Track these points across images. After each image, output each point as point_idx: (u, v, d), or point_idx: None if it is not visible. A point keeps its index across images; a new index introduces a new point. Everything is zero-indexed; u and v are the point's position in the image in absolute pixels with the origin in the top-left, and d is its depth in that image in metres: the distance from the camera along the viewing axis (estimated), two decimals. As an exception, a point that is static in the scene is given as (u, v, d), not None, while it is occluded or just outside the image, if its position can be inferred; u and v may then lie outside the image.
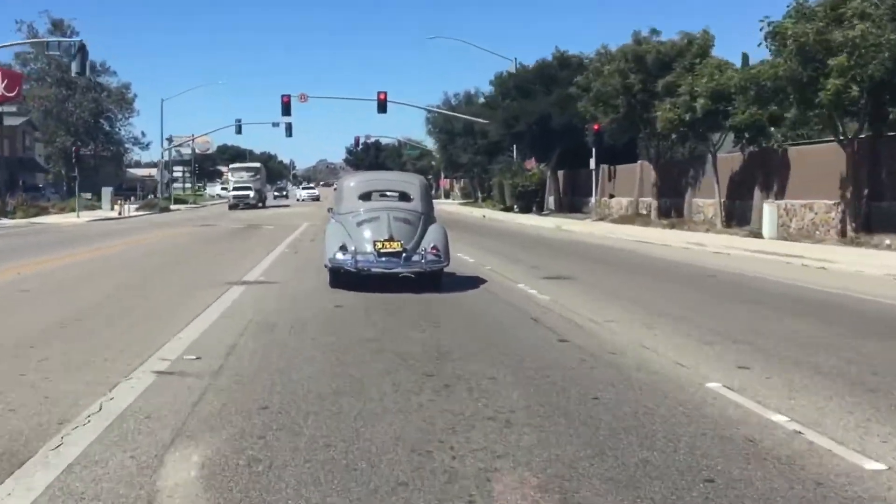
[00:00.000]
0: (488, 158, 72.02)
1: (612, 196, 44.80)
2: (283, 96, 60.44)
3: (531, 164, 59.47)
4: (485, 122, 59.01)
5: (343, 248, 14.74)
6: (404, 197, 16.30)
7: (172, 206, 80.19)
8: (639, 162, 42.35)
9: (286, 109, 60.31)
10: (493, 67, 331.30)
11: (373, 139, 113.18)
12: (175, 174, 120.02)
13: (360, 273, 14.68)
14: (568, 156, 49.41)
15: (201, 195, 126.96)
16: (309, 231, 37.02)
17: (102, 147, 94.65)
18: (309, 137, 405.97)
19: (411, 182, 17.26)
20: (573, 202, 50.94)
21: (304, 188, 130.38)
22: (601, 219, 42.64)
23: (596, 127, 42.02)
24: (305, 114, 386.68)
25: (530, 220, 46.44)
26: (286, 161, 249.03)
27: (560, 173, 51.80)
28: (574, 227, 38.17)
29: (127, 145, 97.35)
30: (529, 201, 56.11)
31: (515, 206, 57.91)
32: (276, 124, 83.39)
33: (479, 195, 77.64)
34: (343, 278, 14.87)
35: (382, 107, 59.77)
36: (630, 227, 35.56)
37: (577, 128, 44.96)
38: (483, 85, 65.50)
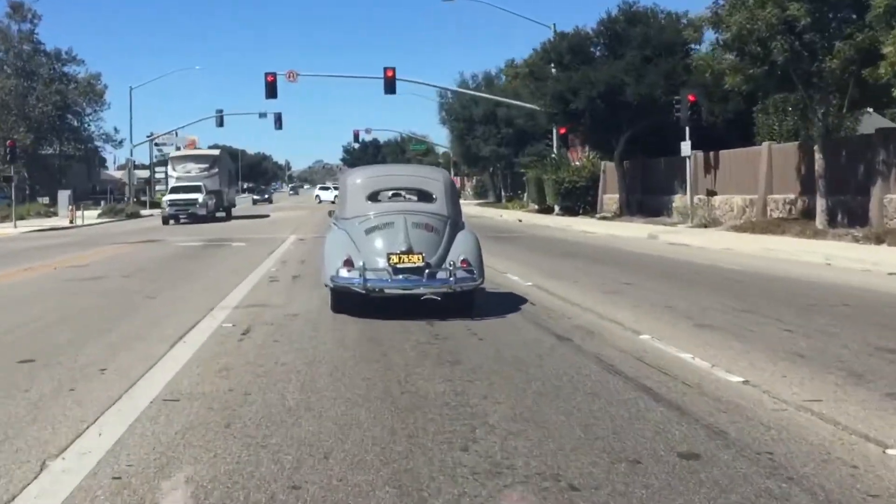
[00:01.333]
0: (515, 150, 59.47)
1: (711, 193, 32.06)
2: (267, 75, 48.03)
3: (576, 153, 46.88)
4: (521, 104, 46.45)
5: (348, 263, 10.96)
6: (424, 196, 12.08)
7: (145, 212, 67.72)
8: (765, 144, 29.66)
9: (271, 90, 47.88)
10: (518, 43, 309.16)
11: (373, 134, 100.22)
12: (158, 175, 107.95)
13: (370, 295, 10.81)
14: (637, 141, 36.72)
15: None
16: (296, 250, 24.77)
17: (70, 145, 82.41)
18: (305, 137, 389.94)
19: (433, 178, 12.63)
20: (644, 202, 38.20)
21: (321, 188, 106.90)
22: (704, 225, 29.96)
23: (692, 98, 29.52)
24: (300, 111, 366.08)
25: (589, 226, 34.21)
26: (281, 162, 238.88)
27: (625, 164, 38.94)
28: (680, 238, 25.65)
29: (97, 143, 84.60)
30: (578, 201, 43.63)
31: (556, 207, 45.45)
32: (262, 115, 71.03)
33: (503, 193, 64.95)
34: (349, 301, 11.09)
35: (390, 86, 47.40)
36: (781, 240, 22.97)
37: (656, 102, 32.38)
38: (504, 61, 55.79)
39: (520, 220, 43.40)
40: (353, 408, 6.62)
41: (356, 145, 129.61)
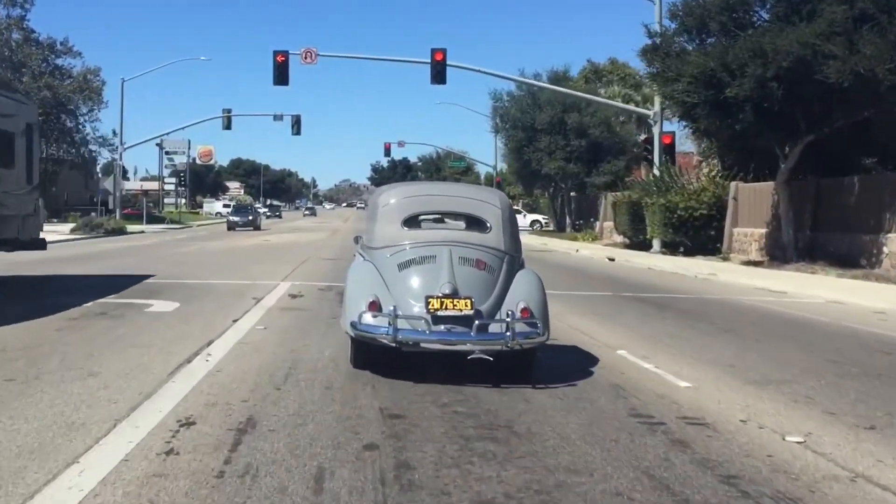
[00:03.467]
0: (587, 167, 46.63)
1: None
2: (276, 54, 35.58)
3: (689, 167, 34.03)
4: (611, 102, 33.65)
5: (375, 307, 8.11)
6: (476, 224, 9.14)
7: (135, 228, 55.38)
8: None
9: (281, 74, 35.55)
10: (593, 42, 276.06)
11: (406, 147, 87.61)
12: (167, 187, 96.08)
13: (401, 349, 7.91)
14: (813, 153, 23.82)
15: (197, 213, 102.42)
16: (274, 337, 11.89)
17: (62, 149, 70.55)
18: (332, 154, 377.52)
19: (488, 200, 9.34)
20: (819, 242, 25.11)
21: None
22: None
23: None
24: (326, 126, 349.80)
25: (749, 278, 21.74)
26: (307, 179, 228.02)
27: (787, 187, 25.85)
28: None
29: (92, 147, 72.54)
30: (695, 236, 30.80)
31: (655, 243, 32.86)
32: (278, 117, 58.64)
33: (568, 221, 51.89)
34: (375, 354, 8.30)
35: (439, 73, 35.10)
36: None
37: (874, 84, 19.67)
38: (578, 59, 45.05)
39: (610, 259, 30.59)
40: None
41: (385, 164, 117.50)
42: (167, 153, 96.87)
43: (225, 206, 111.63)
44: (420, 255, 8.44)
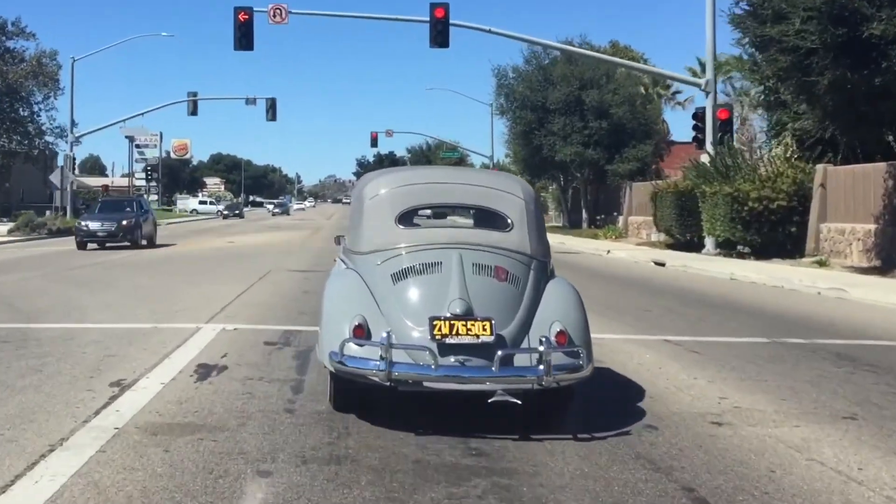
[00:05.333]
0: (608, 154, 39.51)
1: None
2: (238, 11, 28.30)
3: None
4: (649, 69, 26.25)
5: (362, 331, 6.03)
6: (492, 220, 7.02)
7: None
8: None
9: (245, 37, 28.19)
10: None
11: (395, 136, 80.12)
12: (137, 182, 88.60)
13: (397, 388, 5.92)
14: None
15: (170, 210, 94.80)
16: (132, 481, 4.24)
17: (14, 140, 63.04)
18: (317, 148, 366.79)
19: (507, 190, 7.14)
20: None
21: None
22: None
23: None
24: (308, 116, 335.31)
25: None
26: (291, 175, 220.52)
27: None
28: None
29: (48, 138, 64.84)
30: (770, 233, 23.87)
31: (708, 243, 26.10)
32: (250, 101, 51.27)
33: (584, 216, 44.49)
34: (361, 393, 6.29)
35: (440, 34, 28.10)
36: None
37: None
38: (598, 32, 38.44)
39: (658, 264, 23.68)
40: None
41: (371, 158, 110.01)
42: (137, 147, 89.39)
43: (201, 202, 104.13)
44: (421, 263, 6.26)
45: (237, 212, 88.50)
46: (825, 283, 17.55)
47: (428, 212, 8.61)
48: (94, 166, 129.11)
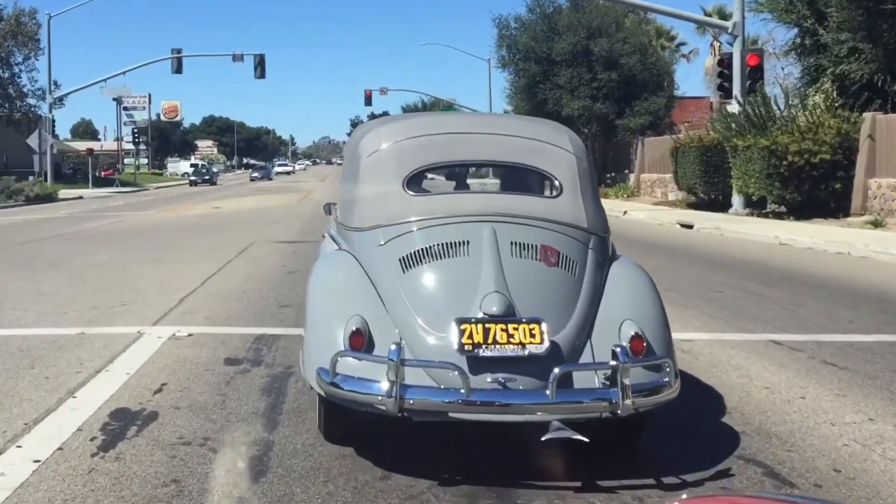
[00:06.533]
0: (618, 108, 36.56)
1: None
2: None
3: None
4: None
5: (361, 339, 4.25)
6: (532, 182, 5.40)
7: (72, 193, 45.20)
8: None
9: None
10: None
11: (390, 94, 76.80)
12: (126, 146, 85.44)
13: (410, 420, 4.09)
14: None
15: (160, 174, 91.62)
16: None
17: (-6, 103, 59.83)
18: (310, 110, 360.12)
19: (552, 142, 5.15)
20: None
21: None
22: None
23: None
24: (300, 74, 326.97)
25: None
26: (285, 137, 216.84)
27: None
28: None
29: (30, 100, 61.46)
30: (812, 190, 21.11)
31: (736, 202, 23.52)
32: (237, 57, 48.01)
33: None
34: (358, 423, 4.60)
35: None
36: None
37: None
38: None
39: (686, 227, 21.09)
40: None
41: (365, 118, 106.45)
42: (126, 109, 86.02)
43: (192, 165, 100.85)
44: (440, 243, 4.52)
45: (207, 177, 72.52)
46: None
47: (450, 172, 6.07)
48: (87, 130, 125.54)
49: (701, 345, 7.14)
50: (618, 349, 4.08)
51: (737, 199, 24.76)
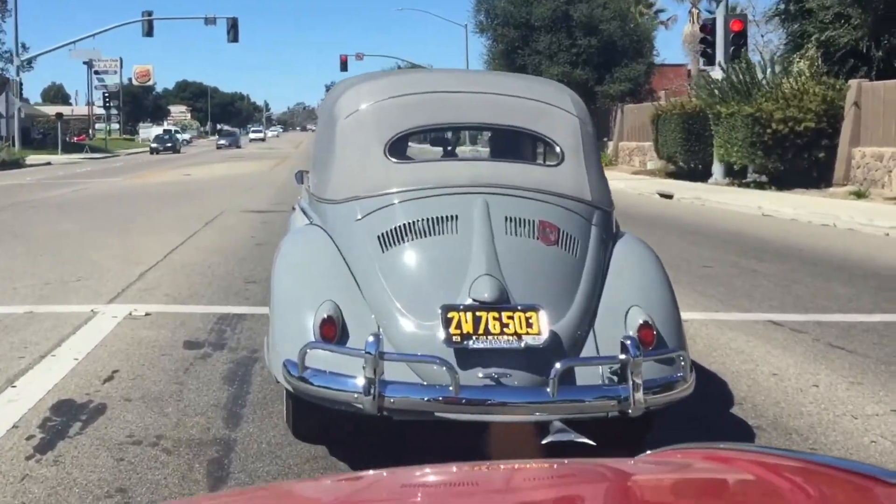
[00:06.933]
0: (597, 75, 36.02)
1: None
2: None
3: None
4: None
5: (333, 328, 3.71)
6: (528, 149, 5.01)
7: (41, 159, 44.09)
8: None
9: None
10: None
11: (365, 60, 75.57)
12: (97, 111, 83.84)
13: (390, 418, 3.56)
14: None
15: (132, 140, 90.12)
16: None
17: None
18: (285, 76, 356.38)
19: (553, 102, 4.61)
20: None
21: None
22: None
23: None
24: (274, 38, 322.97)
25: None
26: (259, 103, 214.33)
27: None
28: None
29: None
30: (795, 159, 20.81)
31: (717, 168, 23.26)
32: (209, 20, 46.80)
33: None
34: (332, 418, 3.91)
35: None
36: None
37: None
38: None
39: (665, 196, 20.79)
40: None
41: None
42: (97, 73, 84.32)
43: (165, 131, 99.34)
44: (425, 218, 3.99)
45: (170, 145, 64.95)
46: (885, 220, 14.48)
47: (437, 136, 5.52)
48: (58, 95, 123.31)
49: (696, 325, 6.67)
50: (628, 341, 3.60)
51: (717, 169, 24.36)
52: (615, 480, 1.47)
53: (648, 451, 1.89)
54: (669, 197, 21.07)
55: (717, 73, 24.38)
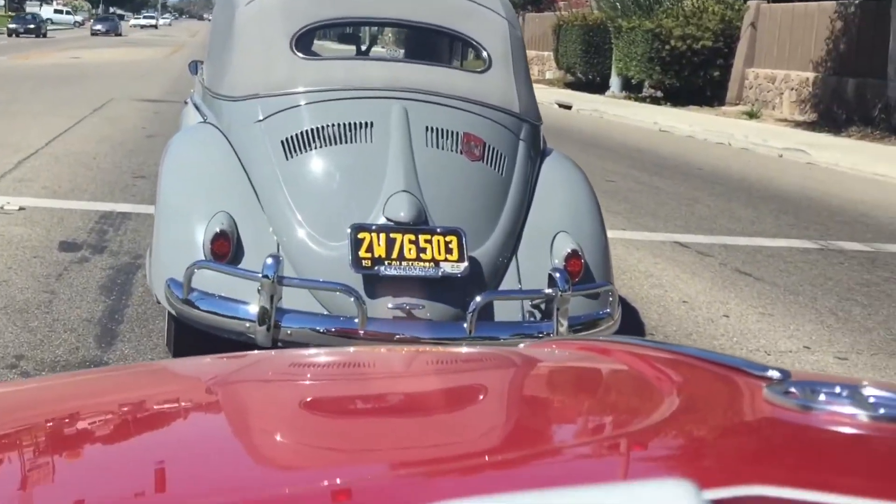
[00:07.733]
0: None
1: None
2: None
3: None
4: None
5: (226, 244, 3.20)
6: (452, 52, 4.74)
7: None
8: None
9: None
10: None
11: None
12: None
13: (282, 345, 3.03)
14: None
15: (12, 16, 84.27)
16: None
17: None
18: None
19: (479, 2, 3.95)
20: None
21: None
22: None
23: None
24: None
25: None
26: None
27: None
28: None
29: None
30: (691, 77, 20.77)
31: (614, 81, 23.25)
32: None
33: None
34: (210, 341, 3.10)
35: None
36: None
37: None
38: None
39: (564, 107, 20.51)
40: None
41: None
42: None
43: (56, 11, 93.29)
44: (335, 123, 3.44)
45: (32, 27, 53.41)
46: (778, 141, 14.57)
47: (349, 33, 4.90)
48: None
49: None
50: (556, 274, 3.24)
51: (615, 81, 24.19)
52: (490, 368, 1.43)
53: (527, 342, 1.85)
54: (569, 108, 20.77)
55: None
